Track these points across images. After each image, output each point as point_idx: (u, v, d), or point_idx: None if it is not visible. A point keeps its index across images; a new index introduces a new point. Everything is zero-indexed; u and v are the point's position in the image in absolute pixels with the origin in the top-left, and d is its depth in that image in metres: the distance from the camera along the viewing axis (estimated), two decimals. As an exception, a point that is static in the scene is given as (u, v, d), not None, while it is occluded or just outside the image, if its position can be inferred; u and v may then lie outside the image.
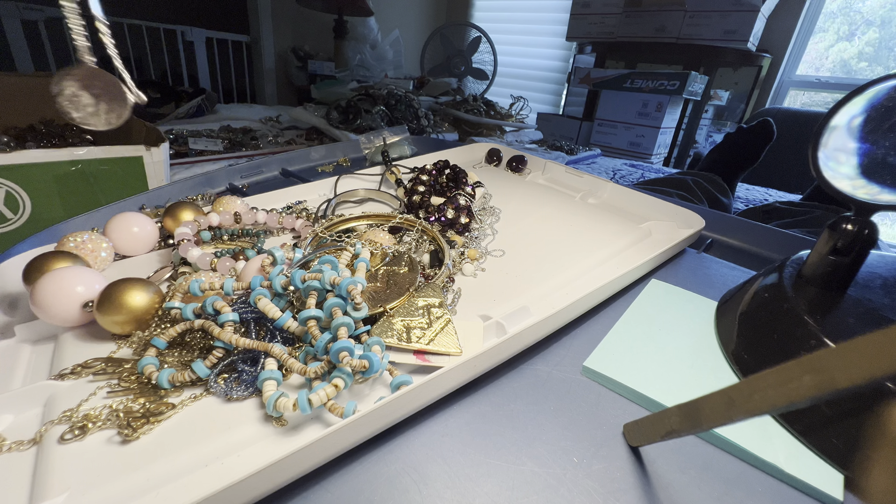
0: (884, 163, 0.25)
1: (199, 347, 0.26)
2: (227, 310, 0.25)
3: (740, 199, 1.09)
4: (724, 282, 0.39)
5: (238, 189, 0.56)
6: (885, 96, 0.24)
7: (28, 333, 0.27)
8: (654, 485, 0.21)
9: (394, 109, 1.41)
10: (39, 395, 0.23)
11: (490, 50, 2.37)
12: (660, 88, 1.58)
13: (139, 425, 0.21)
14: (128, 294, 0.26)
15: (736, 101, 1.90)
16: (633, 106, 1.66)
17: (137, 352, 0.26)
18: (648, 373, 0.27)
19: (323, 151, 0.70)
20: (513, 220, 0.46)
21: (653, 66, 1.81)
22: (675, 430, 0.19)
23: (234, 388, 0.23)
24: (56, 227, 0.40)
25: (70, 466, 0.19)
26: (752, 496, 0.21)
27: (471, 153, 0.66)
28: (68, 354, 0.26)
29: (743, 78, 1.86)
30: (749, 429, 0.24)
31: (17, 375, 0.25)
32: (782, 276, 0.29)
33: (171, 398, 0.23)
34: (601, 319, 0.33)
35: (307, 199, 0.49)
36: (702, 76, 1.58)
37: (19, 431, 0.21)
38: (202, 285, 0.27)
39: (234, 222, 0.39)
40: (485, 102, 1.75)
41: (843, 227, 0.26)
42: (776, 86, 1.84)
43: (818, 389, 0.13)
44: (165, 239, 0.38)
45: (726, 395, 0.16)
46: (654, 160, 1.66)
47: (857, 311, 0.25)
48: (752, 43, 1.53)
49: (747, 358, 0.28)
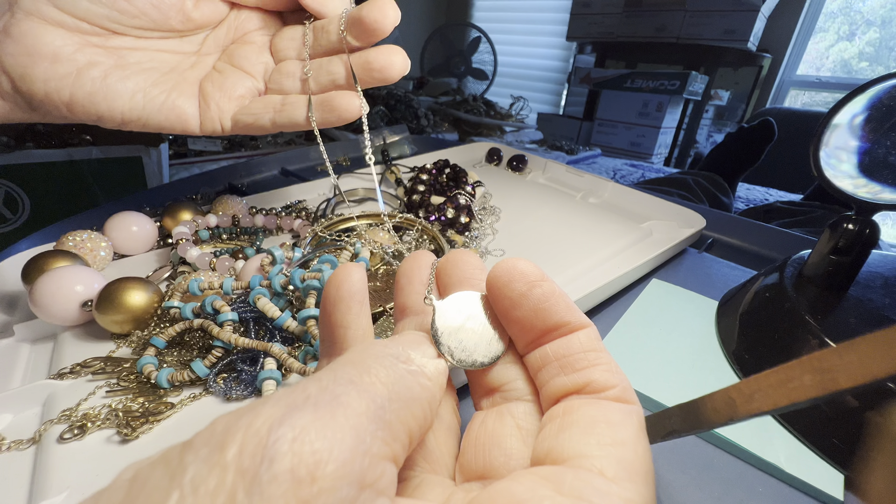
0: (885, 162, 0.25)
1: (199, 347, 0.26)
2: (226, 309, 0.25)
3: (741, 198, 1.09)
4: (725, 281, 0.39)
5: (237, 188, 0.56)
6: (886, 95, 0.24)
7: (27, 332, 0.27)
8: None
9: (393, 109, 1.41)
10: (38, 394, 0.23)
11: (490, 50, 2.36)
12: (660, 88, 1.58)
13: (138, 425, 0.21)
14: (127, 293, 0.26)
15: (736, 100, 1.90)
16: (634, 106, 1.66)
17: (136, 351, 0.26)
18: (649, 373, 0.27)
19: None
20: (513, 219, 0.46)
21: (653, 66, 1.80)
22: (675, 431, 0.19)
23: (234, 388, 0.23)
24: (55, 226, 0.40)
25: (69, 466, 0.19)
26: (752, 496, 0.21)
27: (471, 153, 0.66)
28: (67, 354, 0.26)
29: (743, 78, 1.86)
30: (749, 429, 0.24)
31: (16, 374, 0.25)
32: (783, 275, 0.29)
33: (170, 398, 0.23)
34: (602, 319, 0.33)
35: (307, 199, 0.49)
36: (702, 76, 1.58)
37: (18, 431, 0.21)
38: (201, 284, 0.27)
39: (232, 224, 0.39)
40: (485, 102, 1.76)
41: (845, 226, 0.26)
42: (777, 86, 1.84)
43: (819, 389, 0.13)
44: (164, 238, 0.38)
45: (727, 395, 0.16)
46: (655, 160, 1.66)
47: (859, 310, 0.25)
48: (753, 43, 1.53)
49: (748, 358, 0.28)
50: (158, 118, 0.23)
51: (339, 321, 0.14)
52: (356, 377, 0.10)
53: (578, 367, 0.13)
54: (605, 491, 0.10)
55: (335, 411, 0.09)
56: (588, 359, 0.13)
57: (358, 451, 0.08)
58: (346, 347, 0.14)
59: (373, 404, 0.09)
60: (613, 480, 0.10)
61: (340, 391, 0.09)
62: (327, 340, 0.15)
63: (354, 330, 0.14)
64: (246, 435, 0.08)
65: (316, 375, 0.10)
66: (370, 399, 0.09)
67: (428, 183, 0.47)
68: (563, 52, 2.36)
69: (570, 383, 0.13)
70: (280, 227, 0.41)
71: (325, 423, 0.08)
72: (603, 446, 0.11)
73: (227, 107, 0.25)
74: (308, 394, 0.09)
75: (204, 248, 0.37)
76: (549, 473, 0.11)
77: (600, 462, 0.11)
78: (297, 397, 0.09)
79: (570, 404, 0.13)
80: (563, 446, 0.11)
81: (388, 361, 0.11)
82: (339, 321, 0.14)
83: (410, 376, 0.11)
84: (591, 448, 0.11)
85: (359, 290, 0.14)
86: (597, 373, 0.13)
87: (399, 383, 0.11)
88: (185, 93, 0.24)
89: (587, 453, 0.11)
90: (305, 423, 0.08)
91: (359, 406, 0.09)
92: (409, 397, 0.11)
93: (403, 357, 0.12)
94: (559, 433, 0.12)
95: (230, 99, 0.25)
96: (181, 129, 0.25)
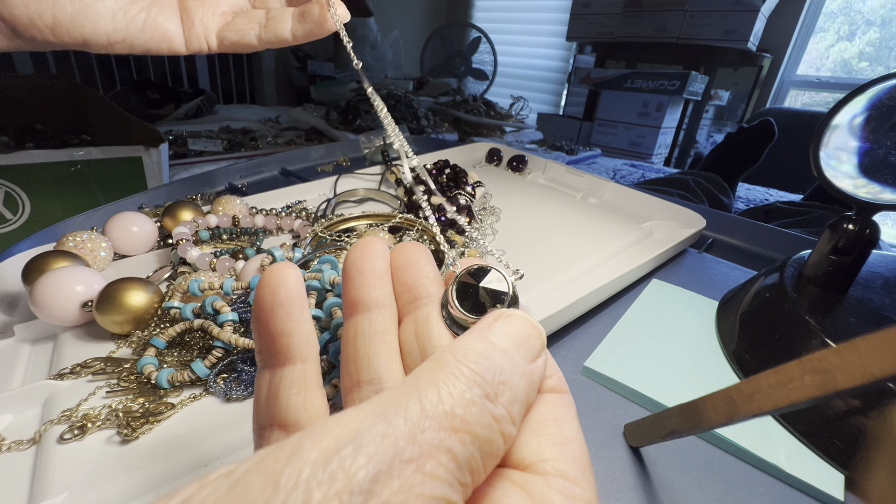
0: (885, 162, 0.25)
1: (199, 347, 0.26)
2: (226, 309, 0.25)
3: (741, 198, 1.09)
4: (725, 282, 0.39)
5: (237, 188, 0.56)
6: (886, 95, 0.24)
7: (27, 333, 0.27)
8: (654, 485, 0.21)
9: (393, 110, 1.41)
10: (39, 394, 0.23)
11: (490, 50, 2.36)
12: (660, 88, 1.58)
13: (138, 425, 0.21)
14: (127, 294, 0.26)
15: (736, 100, 1.90)
16: (634, 106, 1.66)
17: (137, 351, 0.26)
18: (649, 373, 0.27)
19: (322, 151, 0.70)
20: (513, 219, 0.46)
21: (653, 66, 1.80)
22: (675, 431, 0.19)
23: (234, 388, 0.23)
24: (55, 226, 0.40)
25: (69, 466, 0.19)
26: (752, 496, 0.21)
27: (471, 153, 0.66)
28: (67, 354, 0.26)
29: (743, 78, 1.86)
30: (750, 429, 0.24)
31: (16, 375, 0.25)
32: (783, 275, 0.29)
33: (170, 398, 0.23)
34: (602, 319, 0.33)
35: (307, 199, 0.49)
36: (702, 76, 1.58)
37: (18, 431, 0.21)
38: (201, 285, 0.27)
39: (232, 224, 0.39)
40: (485, 103, 1.76)
41: (845, 226, 0.26)
42: (777, 86, 1.84)
43: (819, 390, 0.13)
44: (165, 239, 0.38)
45: (727, 395, 0.16)
46: (655, 160, 1.65)
47: (859, 311, 0.25)
48: (753, 43, 1.53)
49: (748, 358, 0.28)
50: (143, 38, 0.23)
51: (279, 329, 0.13)
52: (435, 437, 0.09)
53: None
54: (570, 495, 0.10)
55: (412, 490, 0.08)
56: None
57: None
58: (290, 357, 0.13)
59: (452, 463, 0.09)
60: (575, 483, 0.11)
61: (422, 442, 0.08)
62: (266, 351, 0.13)
63: (298, 337, 0.13)
64: (331, 487, 0.07)
65: (389, 417, 0.08)
66: (451, 457, 0.09)
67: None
68: (563, 52, 2.36)
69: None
70: (280, 228, 0.41)
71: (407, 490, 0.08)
72: (556, 446, 0.11)
73: (212, 23, 0.25)
74: (397, 449, 0.08)
75: (204, 248, 0.37)
76: (519, 480, 0.11)
77: (560, 464, 0.11)
78: (386, 449, 0.08)
79: None
80: (523, 450, 0.11)
81: (475, 410, 0.09)
82: (279, 329, 0.13)
83: (495, 424, 0.10)
84: (547, 450, 0.11)
85: (297, 294, 0.13)
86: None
87: (481, 434, 0.09)
88: (164, 9, 0.24)
89: (545, 456, 0.11)
90: (390, 494, 0.08)
91: (438, 468, 0.08)
92: (488, 452, 0.10)
93: (491, 392, 0.10)
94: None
95: (213, 15, 0.25)
96: (167, 49, 0.24)
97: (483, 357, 0.10)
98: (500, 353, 0.11)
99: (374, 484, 0.07)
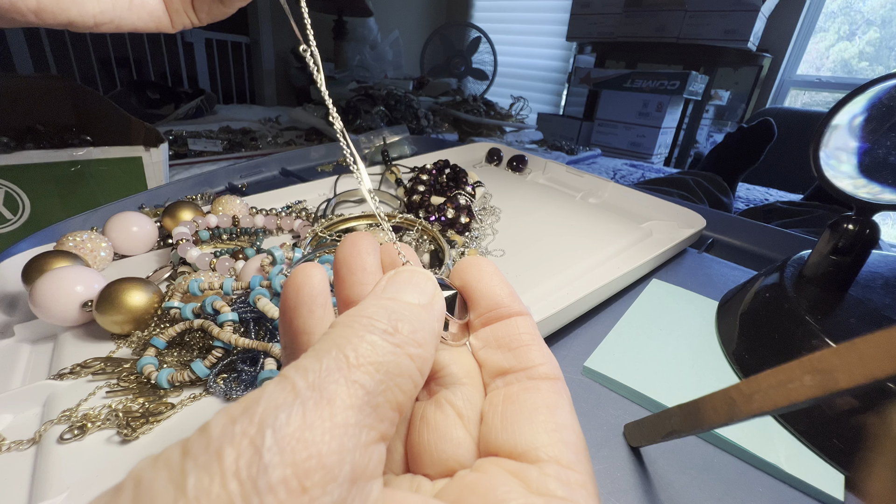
0: (885, 162, 0.25)
1: (199, 347, 0.26)
2: (226, 309, 0.25)
3: (741, 198, 1.09)
4: (725, 282, 0.39)
5: (237, 188, 0.56)
6: (886, 95, 0.24)
7: (27, 333, 0.27)
8: (654, 485, 0.21)
9: (393, 110, 1.41)
10: (39, 394, 0.23)
11: (490, 50, 2.36)
12: (660, 88, 1.58)
13: (138, 425, 0.21)
14: (127, 294, 0.26)
15: (736, 100, 1.90)
16: (634, 106, 1.66)
17: (137, 351, 0.26)
18: (649, 373, 0.27)
19: (323, 151, 0.70)
20: (513, 219, 0.46)
21: (653, 66, 1.80)
22: (675, 431, 0.19)
23: (234, 388, 0.23)
24: (55, 226, 0.40)
25: (69, 466, 0.19)
26: (752, 496, 0.21)
27: (471, 153, 0.66)
28: (67, 354, 0.26)
29: (743, 78, 1.86)
30: (750, 429, 0.24)
31: (16, 375, 0.25)
32: (783, 275, 0.29)
33: (170, 398, 0.23)
34: (602, 319, 0.33)
35: (307, 199, 0.49)
36: (702, 76, 1.58)
37: (18, 431, 0.21)
38: (201, 285, 0.27)
39: (232, 224, 0.39)
40: (485, 103, 1.75)
41: (845, 226, 0.26)
42: (777, 85, 1.84)
43: (819, 390, 0.13)
44: (165, 239, 0.38)
45: (727, 395, 0.16)
46: (655, 160, 1.65)
47: (859, 311, 0.25)
48: (753, 43, 1.53)
49: (748, 358, 0.28)
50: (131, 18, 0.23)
51: (302, 327, 0.13)
52: (342, 364, 0.09)
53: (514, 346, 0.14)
54: (565, 480, 0.11)
55: (322, 411, 0.09)
56: (522, 339, 0.14)
57: (346, 450, 0.08)
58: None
59: (360, 391, 0.09)
60: (569, 467, 0.11)
61: (326, 384, 0.09)
62: (290, 348, 0.14)
63: (319, 335, 0.13)
64: (241, 443, 0.08)
65: (303, 364, 0.09)
66: (358, 387, 0.09)
67: (428, 183, 0.47)
68: (563, 52, 2.37)
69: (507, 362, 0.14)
70: (280, 228, 0.41)
71: (313, 425, 0.08)
72: (549, 433, 0.12)
73: None
74: (297, 391, 0.09)
75: (204, 248, 0.37)
76: (513, 468, 0.11)
77: (553, 450, 0.11)
78: (286, 396, 0.09)
79: (510, 392, 0.13)
80: (515, 439, 0.12)
81: (373, 339, 0.10)
82: (302, 327, 0.13)
83: (399, 350, 0.10)
84: (540, 437, 0.12)
85: (321, 293, 0.13)
86: (532, 351, 0.14)
87: (387, 362, 0.10)
88: None
89: (538, 443, 0.11)
90: (294, 430, 0.08)
91: (346, 398, 0.09)
92: (397, 373, 0.10)
93: (391, 328, 0.11)
94: (506, 424, 0.12)
95: None
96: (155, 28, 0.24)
97: (377, 308, 0.11)
98: (392, 302, 0.12)
99: (282, 426, 0.08)
